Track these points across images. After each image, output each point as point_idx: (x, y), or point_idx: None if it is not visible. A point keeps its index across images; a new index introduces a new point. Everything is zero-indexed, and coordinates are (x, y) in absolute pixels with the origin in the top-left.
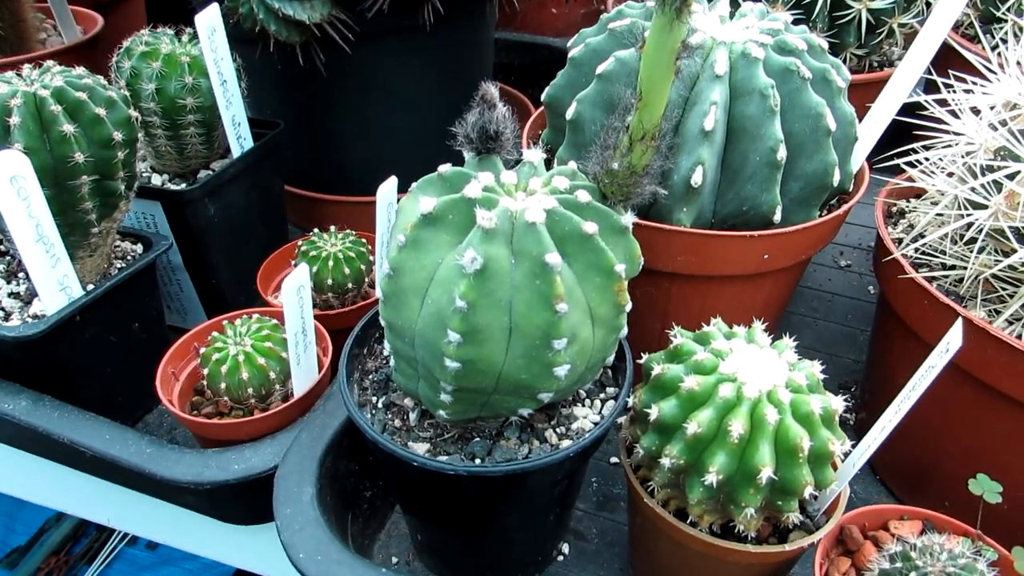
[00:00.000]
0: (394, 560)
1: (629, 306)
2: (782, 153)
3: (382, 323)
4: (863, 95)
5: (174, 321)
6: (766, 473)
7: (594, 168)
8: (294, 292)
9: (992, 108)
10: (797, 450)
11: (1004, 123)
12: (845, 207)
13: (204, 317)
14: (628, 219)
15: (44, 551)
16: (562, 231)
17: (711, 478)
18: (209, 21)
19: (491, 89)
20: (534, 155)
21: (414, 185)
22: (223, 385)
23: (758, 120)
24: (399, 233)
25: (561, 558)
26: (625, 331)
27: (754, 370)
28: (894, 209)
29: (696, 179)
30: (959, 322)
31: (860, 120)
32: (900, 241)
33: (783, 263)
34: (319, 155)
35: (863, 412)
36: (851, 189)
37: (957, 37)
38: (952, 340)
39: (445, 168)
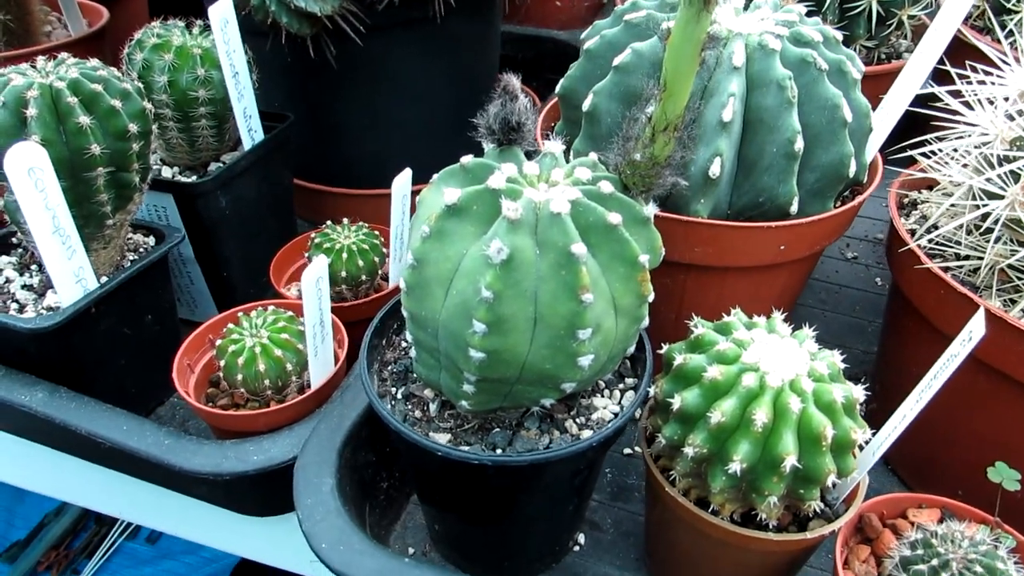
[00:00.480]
0: (410, 550)
1: (651, 296)
2: (799, 144)
3: (404, 314)
4: (874, 87)
5: (184, 314)
6: (790, 461)
7: (616, 159)
8: (313, 284)
9: (1007, 99)
10: (820, 439)
11: (1021, 113)
12: (861, 198)
13: (214, 310)
14: (650, 210)
15: (44, 545)
16: (586, 222)
17: (735, 467)
18: (222, 13)
19: (513, 80)
20: (555, 146)
21: (436, 176)
22: (240, 377)
23: (775, 111)
24: (423, 224)
25: (577, 548)
26: (647, 322)
27: (776, 360)
28: (906, 200)
29: (714, 170)
30: (981, 311)
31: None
32: (913, 232)
33: (799, 254)
34: (327, 148)
35: (875, 403)
36: (865, 180)
37: (967, 28)
38: (975, 329)
39: (468, 159)
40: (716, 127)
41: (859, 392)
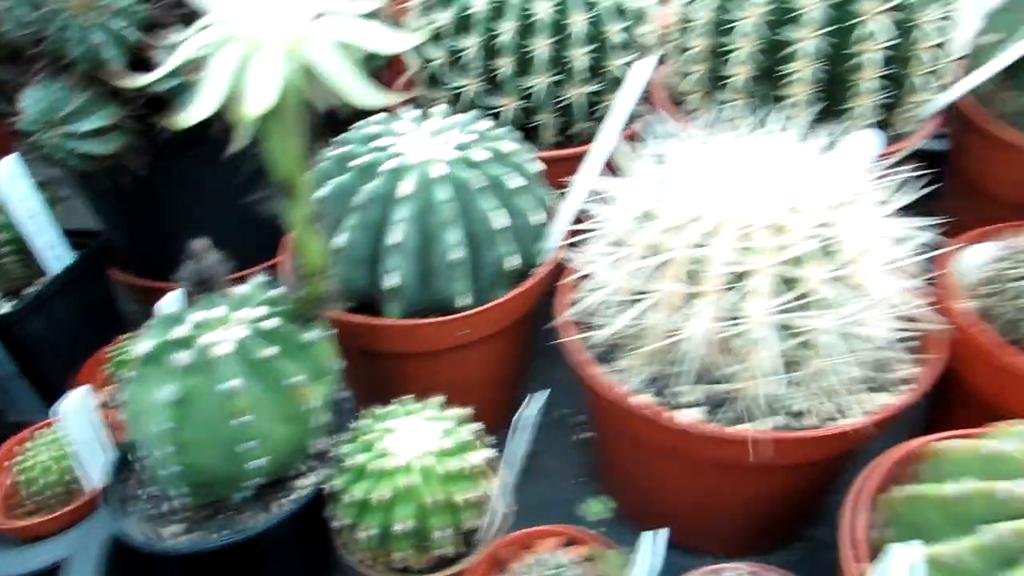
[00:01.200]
0: None
1: (317, 403)
2: (455, 255)
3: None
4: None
5: (23, 418)
6: (403, 526)
7: (289, 294)
8: (72, 413)
9: (626, 196)
10: (427, 505)
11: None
12: (527, 284)
13: (47, 414)
14: (312, 335)
15: None
16: (249, 356)
17: (367, 533)
18: (7, 172)
19: (201, 242)
20: (241, 289)
21: (147, 325)
22: (27, 491)
23: (439, 229)
24: (130, 369)
25: None
26: (322, 420)
27: (408, 442)
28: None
29: (392, 282)
30: (537, 396)
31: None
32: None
33: (487, 332)
34: (154, 248)
35: None
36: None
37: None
38: (534, 401)
39: (170, 310)
40: (392, 247)
41: (477, 458)
